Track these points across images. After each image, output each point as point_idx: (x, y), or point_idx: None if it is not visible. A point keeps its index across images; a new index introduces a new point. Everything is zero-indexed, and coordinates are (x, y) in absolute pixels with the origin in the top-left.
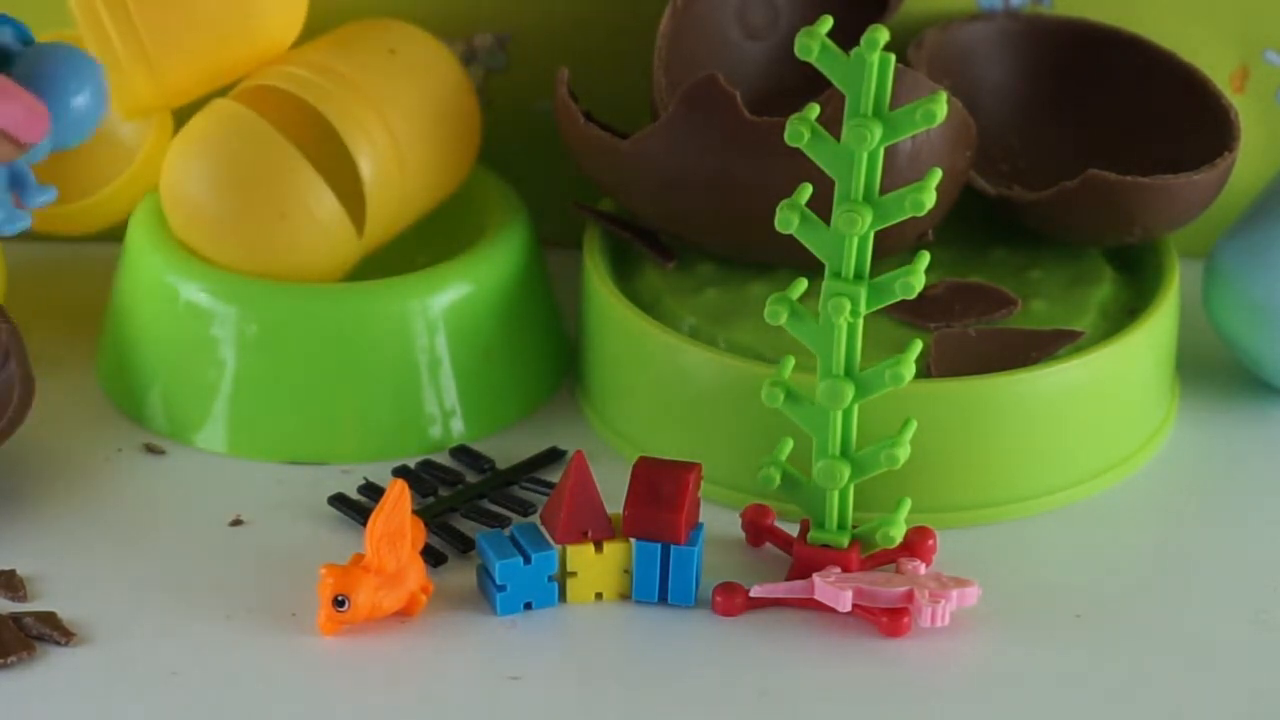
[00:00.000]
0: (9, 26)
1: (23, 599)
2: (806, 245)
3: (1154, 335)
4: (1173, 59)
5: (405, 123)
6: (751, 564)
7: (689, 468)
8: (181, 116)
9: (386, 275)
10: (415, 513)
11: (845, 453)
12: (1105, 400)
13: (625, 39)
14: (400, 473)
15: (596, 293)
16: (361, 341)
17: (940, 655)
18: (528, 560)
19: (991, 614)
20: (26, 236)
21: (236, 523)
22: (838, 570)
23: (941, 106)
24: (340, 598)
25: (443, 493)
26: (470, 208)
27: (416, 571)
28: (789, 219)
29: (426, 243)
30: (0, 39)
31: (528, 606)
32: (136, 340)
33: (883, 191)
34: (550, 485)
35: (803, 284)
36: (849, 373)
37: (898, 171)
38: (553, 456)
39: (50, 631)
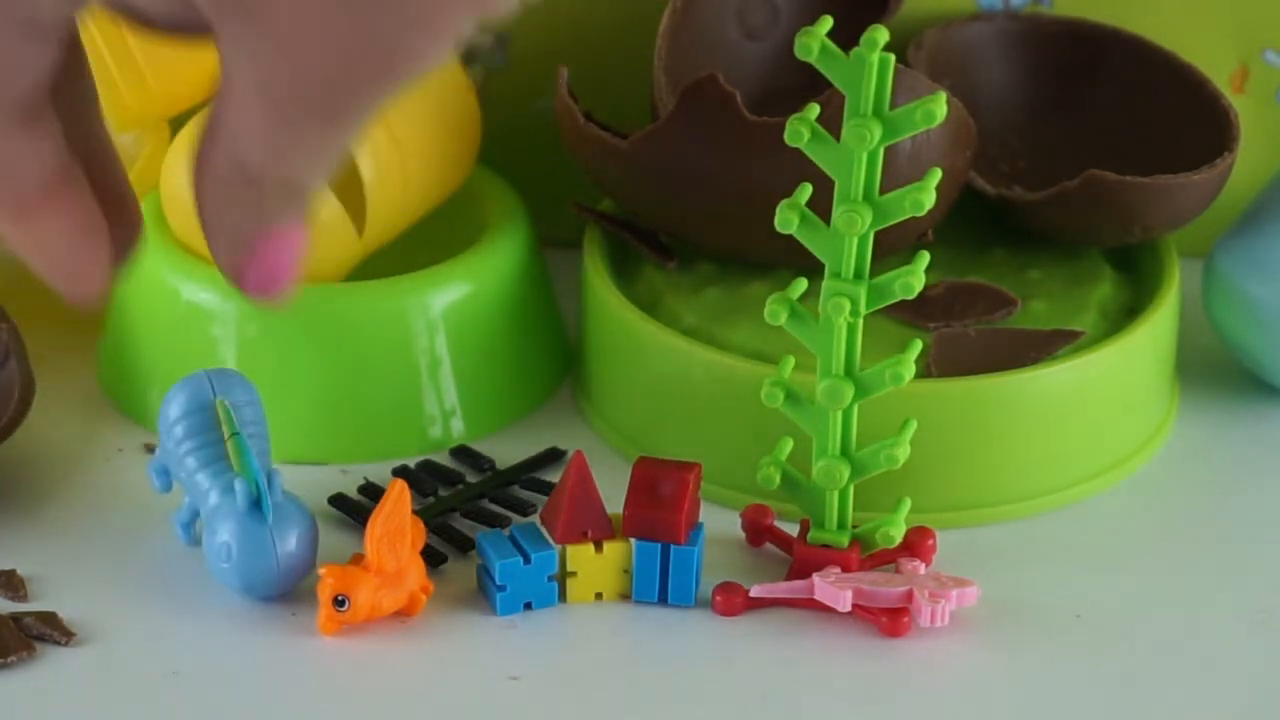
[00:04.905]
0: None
1: (23, 599)
2: (806, 245)
3: (1154, 335)
4: (1173, 59)
5: (405, 123)
6: (751, 564)
7: (689, 468)
8: (178, 119)
9: (386, 275)
10: (415, 513)
11: (845, 453)
12: (1105, 400)
13: (625, 39)
14: (400, 473)
15: (596, 293)
16: (361, 341)
17: (940, 655)
18: (528, 560)
19: (991, 614)
20: None
21: None
22: (838, 570)
23: (941, 106)
24: (340, 598)
25: (443, 493)
26: (470, 208)
27: (416, 571)
28: (789, 219)
29: (426, 243)
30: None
31: (528, 606)
32: (136, 340)
33: (883, 191)
34: (550, 485)
35: (803, 284)
36: (849, 373)
37: (898, 171)
38: (553, 456)
39: (50, 631)
